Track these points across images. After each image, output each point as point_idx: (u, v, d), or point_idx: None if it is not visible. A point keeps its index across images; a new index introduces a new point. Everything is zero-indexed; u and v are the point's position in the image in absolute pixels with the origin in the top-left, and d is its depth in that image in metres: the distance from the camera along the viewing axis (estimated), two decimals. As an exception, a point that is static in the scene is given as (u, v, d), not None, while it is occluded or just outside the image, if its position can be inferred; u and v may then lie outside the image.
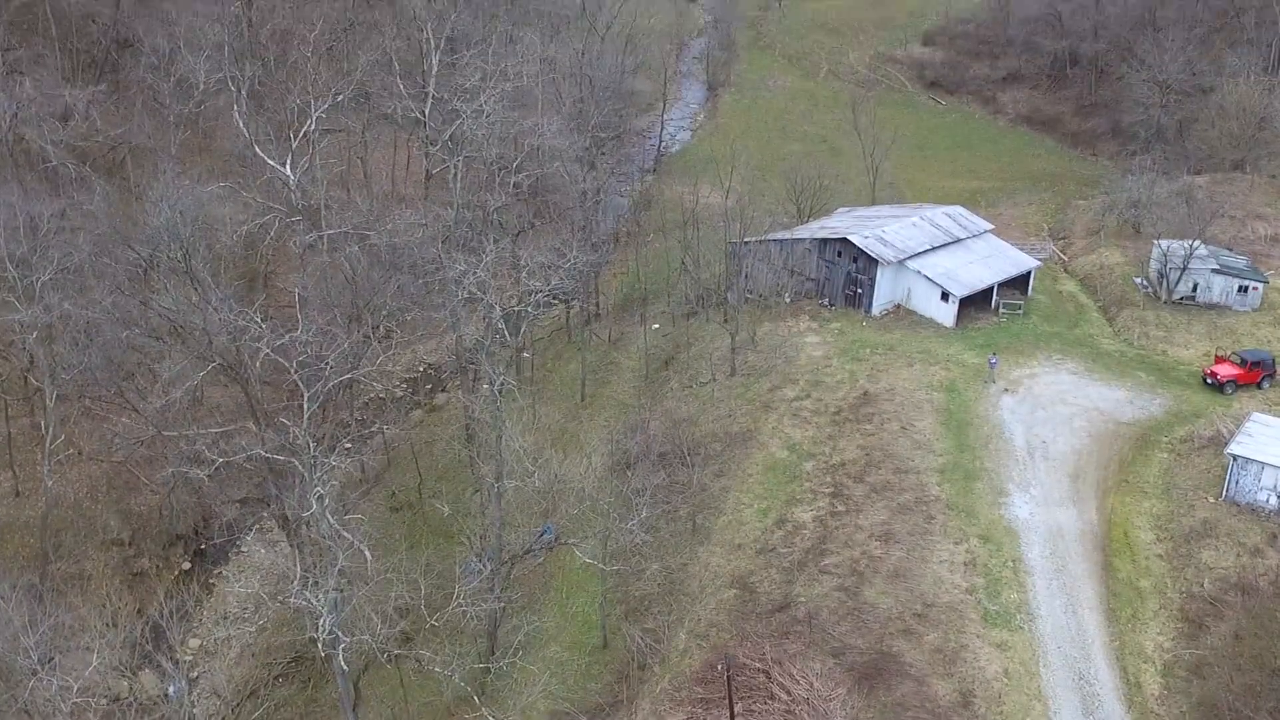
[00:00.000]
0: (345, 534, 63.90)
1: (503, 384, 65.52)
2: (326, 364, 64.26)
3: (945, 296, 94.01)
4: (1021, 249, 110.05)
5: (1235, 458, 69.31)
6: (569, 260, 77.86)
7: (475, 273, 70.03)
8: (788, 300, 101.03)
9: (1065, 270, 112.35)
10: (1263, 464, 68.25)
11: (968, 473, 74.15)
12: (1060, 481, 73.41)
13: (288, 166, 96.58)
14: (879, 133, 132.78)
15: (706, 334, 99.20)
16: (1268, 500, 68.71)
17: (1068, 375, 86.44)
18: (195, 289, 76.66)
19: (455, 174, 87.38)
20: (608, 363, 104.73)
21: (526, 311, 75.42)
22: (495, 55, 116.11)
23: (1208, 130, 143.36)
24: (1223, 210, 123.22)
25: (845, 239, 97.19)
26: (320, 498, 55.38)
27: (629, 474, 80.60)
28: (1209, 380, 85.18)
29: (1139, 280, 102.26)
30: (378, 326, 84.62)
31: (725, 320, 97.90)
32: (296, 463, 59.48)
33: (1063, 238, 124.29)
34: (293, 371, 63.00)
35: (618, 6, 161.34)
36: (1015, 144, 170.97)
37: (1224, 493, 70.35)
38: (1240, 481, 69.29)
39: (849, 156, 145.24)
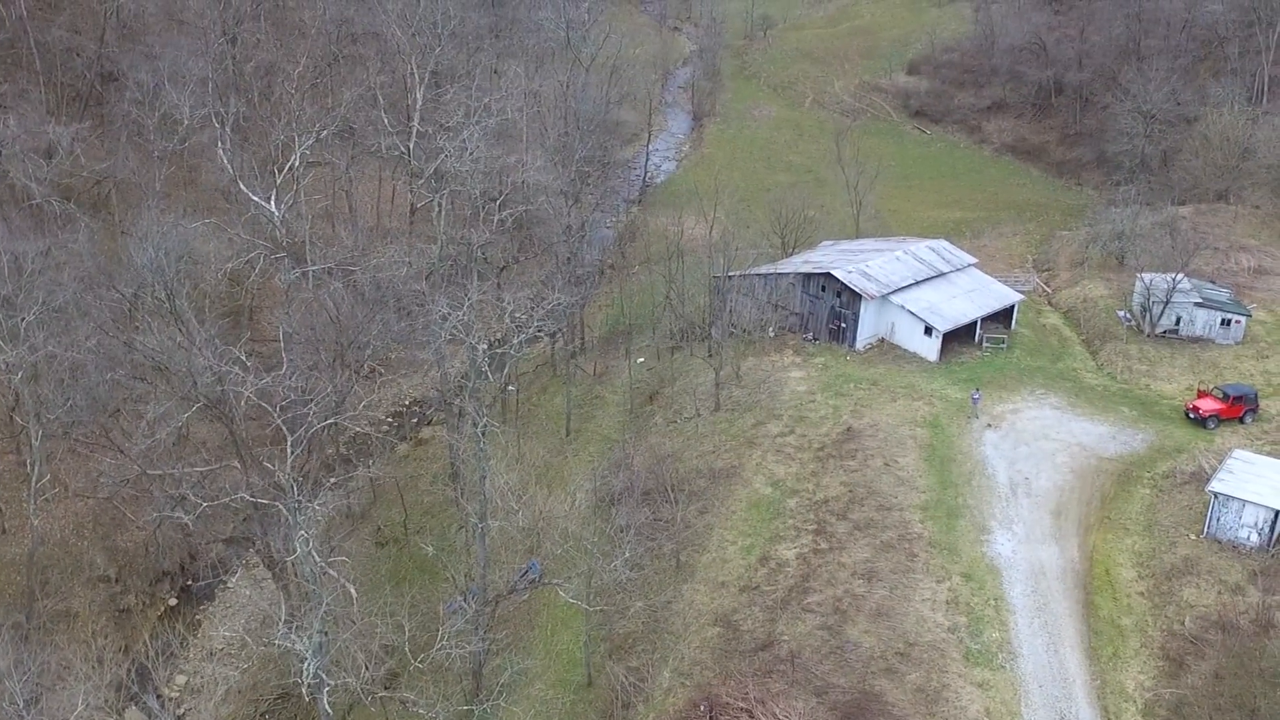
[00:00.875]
0: (331, 571, 64.03)
1: (485, 425, 65.59)
2: (309, 409, 64.22)
3: (929, 331, 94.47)
4: (1005, 281, 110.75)
5: (1216, 495, 69.61)
6: (551, 302, 78.16)
7: (459, 314, 70.20)
8: (771, 334, 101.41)
9: (1049, 303, 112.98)
10: (1244, 501, 68.55)
11: (950, 510, 74.39)
12: (1042, 518, 73.67)
13: (272, 202, 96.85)
14: (864, 163, 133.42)
15: (691, 369, 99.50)
16: (1249, 537, 68.99)
17: (1051, 410, 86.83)
18: (179, 329, 76.68)
19: (439, 211, 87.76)
20: (592, 397, 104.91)
21: (510, 354, 75.51)
22: (479, 89, 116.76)
23: (1191, 160, 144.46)
24: (1206, 242, 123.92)
25: (829, 273, 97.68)
26: (305, 540, 55.33)
27: (613, 510, 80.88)
28: (1191, 415, 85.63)
29: (1122, 314, 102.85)
30: (362, 365, 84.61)
31: (710, 354, 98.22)
32: (281, 507, 59.47)
33: (1047, 269, 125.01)
34: (276, 416, 63.03)
35: (602, 38, 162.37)
36: (1000, 173, 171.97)
37: (1205, 530, 70.61)
38: (1221, 518, 69.57)
39: (834, 187, 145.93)
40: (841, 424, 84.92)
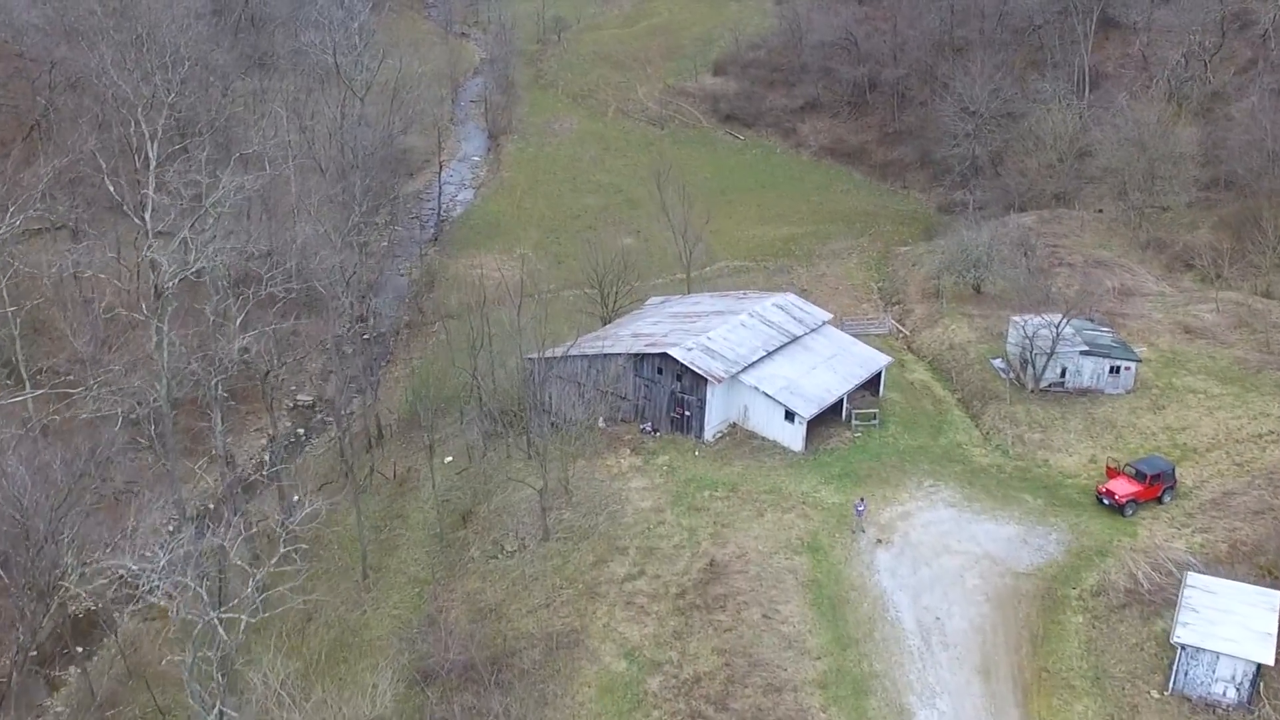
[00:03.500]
0: None
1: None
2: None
3: (790, 416, 79.05)
4: (858, 325, 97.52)
5: (1184, 646, 56.05)
6: (305, 510, 59.43)
7: (179, 548, 50.98)
8: (602, 424, 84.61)
9: (909, 348, 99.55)
10: (1217, 654, 55.16)
11: (856, 684, 58.89)
12: (970, 683, 58.85)
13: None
14: (693, 199, 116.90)
15: (510, 476, 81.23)
16: (1225, 693, 55.62)
17: (945, 509, 72.41)
18: None
19: (162, 341, 67.12)
20: (394, 515, 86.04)
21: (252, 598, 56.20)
22: (231, 143, 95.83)
23: (1024, 161, 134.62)
24: (1059, 257, 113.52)
25: (666, 354, 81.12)
26: None
27: (426, 699, 63.41)
28: (1105, 500, 72.69)
29: (998, 363, 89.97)
30: (61, 586, 63.30)
31: (529, 458, 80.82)
32: None
33: (897, 302, 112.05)
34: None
35: (379, 60, 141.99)
36: (821, 179, 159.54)
37: (1171, 685, 56.90)
38: (1190, 673, 55.99)
39: (648, 207, 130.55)
40: (702, 555, 68.69)
